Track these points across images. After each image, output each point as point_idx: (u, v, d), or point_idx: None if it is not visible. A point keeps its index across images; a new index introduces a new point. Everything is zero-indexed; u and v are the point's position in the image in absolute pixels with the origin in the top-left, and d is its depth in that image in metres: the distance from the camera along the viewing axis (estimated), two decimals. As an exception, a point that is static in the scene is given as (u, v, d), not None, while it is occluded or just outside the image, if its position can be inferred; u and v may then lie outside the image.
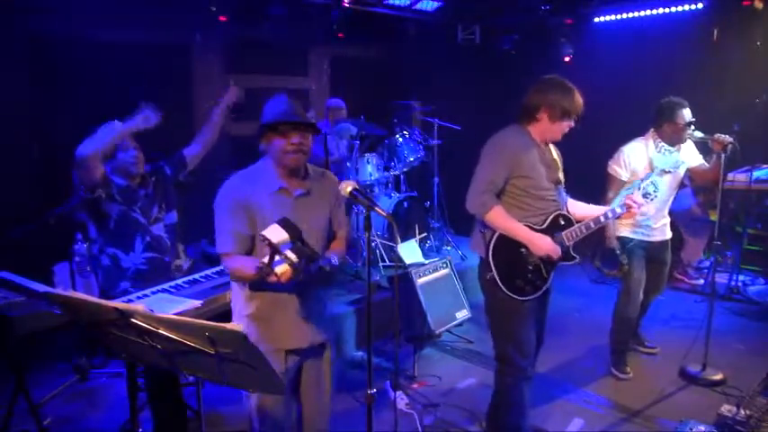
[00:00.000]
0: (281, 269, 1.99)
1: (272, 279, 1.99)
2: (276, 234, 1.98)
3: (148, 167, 3.00)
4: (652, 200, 3.02)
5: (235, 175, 2.33)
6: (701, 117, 3.68)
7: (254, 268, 2.04)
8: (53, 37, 4.58)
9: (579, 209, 2.97)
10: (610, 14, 6.29)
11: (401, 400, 3.65)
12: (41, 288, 2.62)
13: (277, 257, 1.99)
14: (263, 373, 1.71)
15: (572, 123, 2.78)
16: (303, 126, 2.24)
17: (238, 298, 2.36)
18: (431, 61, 7.14)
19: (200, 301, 2.52)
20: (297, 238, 2.01)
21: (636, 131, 3.82)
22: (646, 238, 3.79)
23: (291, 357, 2.35)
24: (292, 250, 1.99)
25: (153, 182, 3.00)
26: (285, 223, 2.02)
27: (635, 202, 2.86)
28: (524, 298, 2.79)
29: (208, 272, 2.95)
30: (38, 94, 4.65)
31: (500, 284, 2.75)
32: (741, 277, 5.51)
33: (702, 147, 3.76)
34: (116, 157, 2.85)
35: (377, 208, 2.09)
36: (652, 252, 3.86)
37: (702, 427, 3.04)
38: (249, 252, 2.27)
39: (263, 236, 1.99)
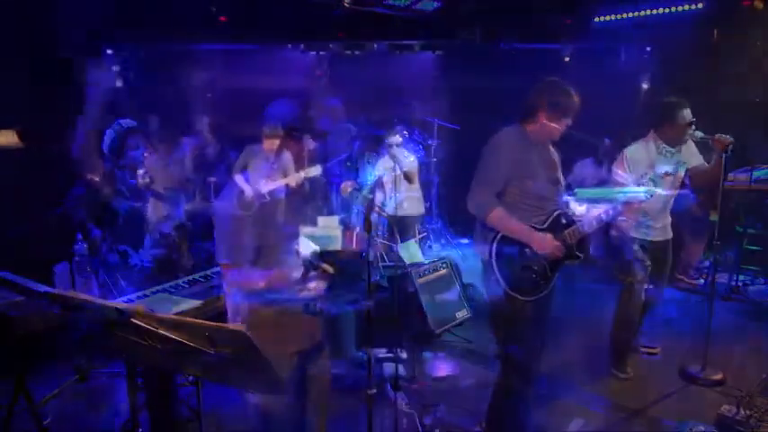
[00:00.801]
0: (316, 284, 2.00)
1: (305, 294, 1.99)
2: (306, 247, 1.98)
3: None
4: (650, 197, 3.04)
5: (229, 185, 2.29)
6: (702, 117, 3.67)
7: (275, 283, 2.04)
8: (54, 37, 4.58)
9: (580, 208, 2.97)
10: (610, 14, 6.29)
11: (401, 400, 3.64)
12: (41, 288, 2.61)
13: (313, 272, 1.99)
14: (262, 373, 1.71)
15: (569, 123, 2.79)
16: (315, 133, 2.26)
17: (241, 307, 2.27)
18: (431, 61, 7.13)
19: (200, 301, 2.52)
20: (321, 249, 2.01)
21: (636, 132, 3.81)
22: (647, 238, 3.79)
23: (296, 358, 2.33)
24: (327, 262, 2.00)
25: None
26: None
27: (635, 197, 2.87)
28: (528, 298, 2.79)
29: (207, 272, 2.95)
30: (38, 93, 4.65)
31: (504, 285, 2.75)
32: (741, 277, 5.51)
33: (703, 147, 3.76)
34: (127, 156, 2.89)
35: (377, 208, 2.08)
36: (653, 252, 3.85)
37: (702, 427, 3.04)
38: (254, 263, 2.21)
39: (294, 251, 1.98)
